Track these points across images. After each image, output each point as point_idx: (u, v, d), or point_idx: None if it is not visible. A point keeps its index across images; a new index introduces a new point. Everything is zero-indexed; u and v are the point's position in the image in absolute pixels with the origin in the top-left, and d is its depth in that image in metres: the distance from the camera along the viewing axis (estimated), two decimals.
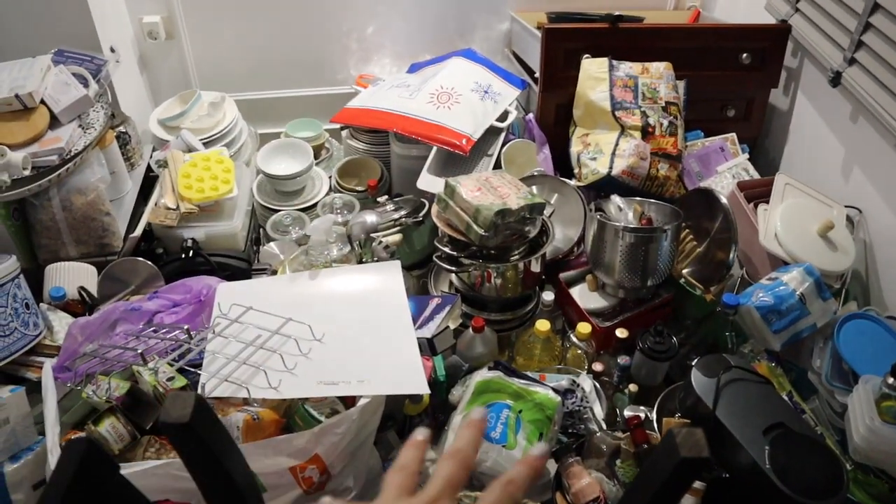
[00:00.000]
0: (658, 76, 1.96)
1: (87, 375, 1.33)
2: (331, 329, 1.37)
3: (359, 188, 2.12)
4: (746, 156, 2.05)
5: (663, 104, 1.94)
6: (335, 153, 2.38)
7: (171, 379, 1.24)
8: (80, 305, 1.67)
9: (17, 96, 1.71)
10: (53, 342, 1.53)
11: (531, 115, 2.12)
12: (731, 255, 1.70)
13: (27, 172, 1.66)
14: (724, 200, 1.73)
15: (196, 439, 0.64)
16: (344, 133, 2.28)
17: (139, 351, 1.29)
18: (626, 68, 1.97)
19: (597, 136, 1.95)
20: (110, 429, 1.22)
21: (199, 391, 1.22)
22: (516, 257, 1.66)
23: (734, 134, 2.09)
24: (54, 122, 1.77)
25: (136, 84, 2.32)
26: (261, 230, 2.09)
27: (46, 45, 1.89)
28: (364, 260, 1.71)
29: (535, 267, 1.69)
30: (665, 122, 1.92)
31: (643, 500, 0.68)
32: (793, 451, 1.25)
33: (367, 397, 1.23)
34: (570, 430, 1.49)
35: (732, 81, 2.09)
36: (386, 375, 1.29)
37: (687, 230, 1.84)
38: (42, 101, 1.76)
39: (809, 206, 1.78)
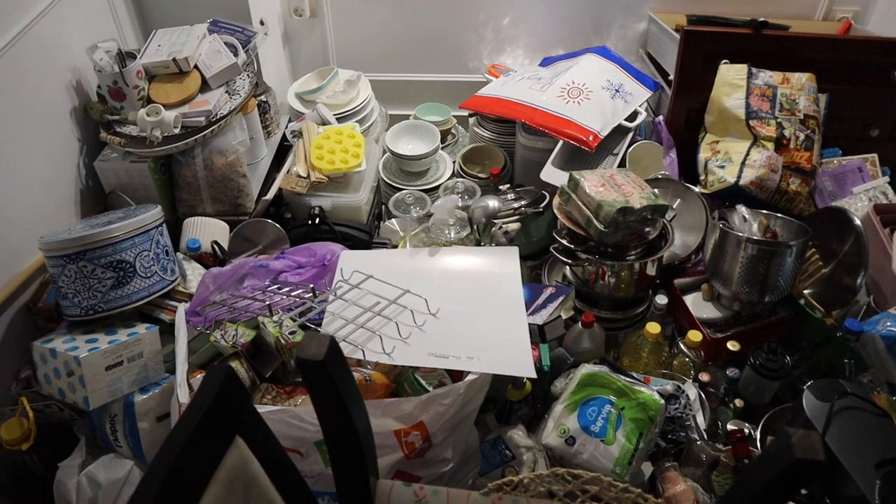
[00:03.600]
0: (799, 87, 1.89)
1: (216, 322, 1.43)
2: (445, 305, 1.41)
3: (481, 175, 2.15)
4: (887, 179, 1.95)
5: (801, 117, 1.87)
6: (460, 139, 2.42)
7: (292, 333, 1.31)
8: (212, 258, 1.78)
9: (174, 60, 1.84)
10: (186, 289, 1.64)
11: (661, 118, 2.09)
12: (859, 281, 1.62)
13: (177, 131, 1.79)
14: (857, 222, 1.66)
15: (327, 378, 0.69)
16: (471, 120, 2.32)
17: (267, 303, 1.36)
18: (766, 77, 1.91)
19: (727, 144, 1.91)
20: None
21: None
22: (633, 257, 1.65)
23: (875, 155, 1.99)
24: (204, 86, 1.89)
25: (278, 57, 2.43)
26: (382, 206, 2.15)
27: (203, 15, 2.01)
28: (482, 243, 1.74)
29: (651, 269, 1.68)
30: (801, 136, 1.85)
31: (748, 497, 0.67)
32: None
33: (474, 374, 1.26)
34: (669, 436, 1.48)
35: (880, 99, 1.99)
36: (495, 355, 1.32)
37: (813, 249, 1.77)
38: (195, 67, 1.89)
39: None
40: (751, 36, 1.95)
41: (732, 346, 1.61)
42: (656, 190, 1.84)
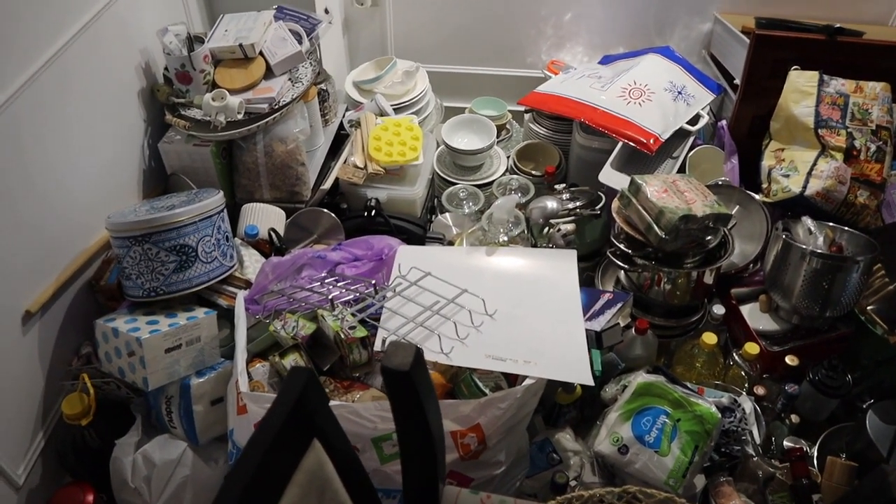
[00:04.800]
0: (873, 97, 1.84)
1: (275, 311, 1.44)
2: (502, 306, 1.41)
3: (535, 172, 2.13)
4: None
5: (874, 127, 1.82)
6: (515, 135, 2.41)
7: (353, 328, 1.32)
8: (268, 245, 1.80)
9: (240, 46, 1.85)
10: (243, 276, 1.66)
11: (723, 122, 2.05)
12: None
13: (240, 116, 1.80)
14: None
15: (410, 387, 0.69)
16: (527, 116, 2.30)
17: (329, 297, 1.37)
18: (838, 85, 1.86)
19: (793, 153, 1.86)
20: (294, 364, 1.31)
21: (379, 345, 1.28)
22: (690, 265, 1.63)
23: None
24: (268, 72, 1.90)
25: (338, 45, 2.44)
26: (435, 200, 2.15)
27: (269, 1, 2.02)
28: (539, 244, 1.72)
29: (708, 278, 1.65)
30: (873, 147, 1.80)
31: None
32: None
33: (531, 378, 1.26)
34: (723, 450, 1.46)
35: None
36: (552, 360, 1.31)
37: (879, 265, 1.73)
38: (260, 53, 1.90)
39: None
40: (824, 42, 1.90)
41: (791, 360, 1.58)
42: (718, 197, 1.81)
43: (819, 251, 1.60)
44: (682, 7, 2.33)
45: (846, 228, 1.71)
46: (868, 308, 1.69)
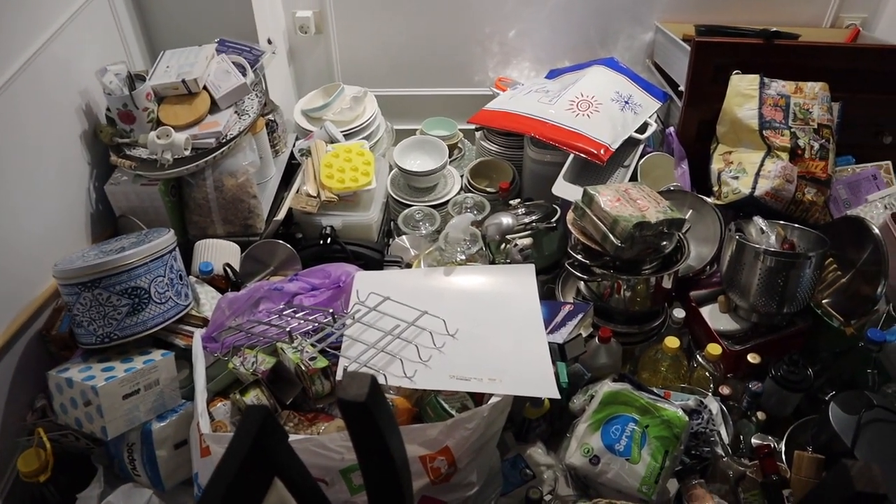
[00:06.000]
0: (812, 96, 1.88)
1: (234, 348, 1.41)
2: (464, 325, 1.40)
3: (489, 189, 2.14)
4: None
5: (815, 126, 1.86)
6: (468, 153, 2.41)
7: (313, 359, 1.30)
8: (224, 281, 1.77)
9: (183, 81, 1.83)
10: (199, 313, 1.62)
11: (671, 129, 2.08)
12: (880, 290, 1.61)
13: (187, 153, 1.77)
14: (876, 231, 1.65)
15: (368, 417, 0.67)
16: (478, 134, 2.31)
17: (287, 329, 1.35)
18: (779, 87, 1.90)
19: (740, 155, 1.90)
20: (255, 400, 1.29)
21: (341, 374, 1.27)
22: (648, 271, 1.64)
23: (889, 162, 1.98)
24: (214, 107, 1.88)
25: (284, 75, 2.43)
26: (392, 223, 2.14)
27: (210, 35, 2.00)
28: (496, 261, 1.72)
29: (667, 283, 1.67)
30: (816, 145, 1.85)
31: None
32: None
33: (497, 396, 1.25)
34: (693, 452, 1.46)
35: (892, 106, 1.98)
36: (516, 376, 1.30)
37: (830, 259, 1.76)
38: (205, 87, 1.88)
39: None
40: (762, 46, 1.94)
41: (753, 358, 1.60)
42: (670, 202, 1.83)
43: (772, 249, 1.62)
44: (624, 18, 2.37)
45: (797, 226, 1.74)
46: (823, 302, 1.72)
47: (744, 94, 1.90)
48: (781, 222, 1.73)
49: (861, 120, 1.99)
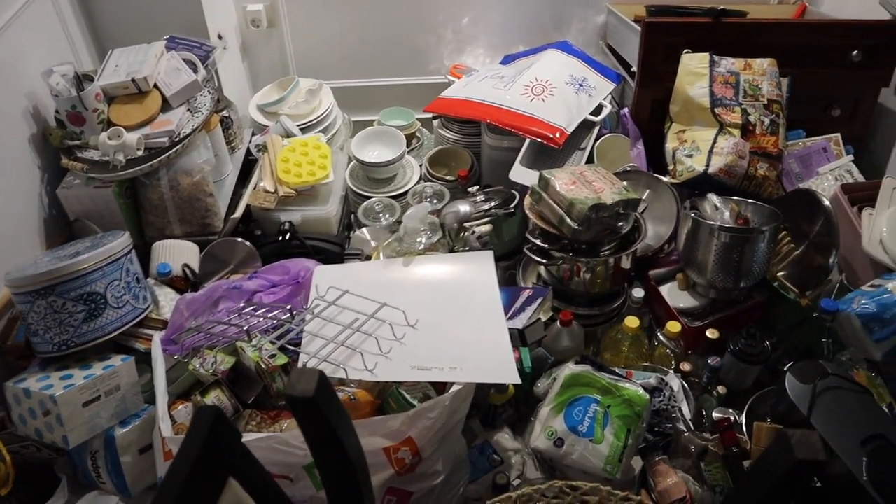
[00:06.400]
0: (761, 73, 1.91)
1: (194, 349, 1.40)
2: (424, 315, 1.41)
3: (448, 177, 2.14)
4: (851, 157, 1.98)
5: (765, 102, 1.88)
6: (426, 142, 2.41)
7: (273, 356, 1.29)
8: (184, 282, 1.75)
9: (133, 80, 1.80)
10: (159, 316, 1.61)
11: (626, 110, 2.10)
12: (832, 260, 1.65)
13: (140, 153, 1.75)
14: (826, 203, 1.68)
15: (317, 413, 0.68)
16: (435, 122, 2.31)
17: (245, 328, 1.34)
18: (728, 64, 1.92)
19: (694, 133, 1.92)
20: (216, 400, 1.28)
21: None
22: (607, 252, 1.65)
23: (838, 134, 2.02)
24: (165, 105, 1.85)
25: (238, 70, 2.40)
26: (352, 216, 2.13)
27: (159, 32, 1.97)
28: (455, 249, 1.73)
29: (626, 263, 1.68)
30: (766, 121, 1.87)
31: (753, 501, 0.67)
32: (892, 464, 1.21)
33: (458, 384, 1.25)
34: (656, 429, 1.48)
35: (840, 80, 2.02)
36: (477, 363, 1.31)
37: (784, 232, 1.79)
38: (155, 86, 1.85)
39: None
40: (711, 24, 1.96)
41: (711, 334, 1.62)
42: (626, 183, 1.85)
43: (726, 225, 1.65)
44: (576, 1, 2.39)
45: (750, 201, 1.76)
46: (779, 275, 1.75)
47: (694, 72, 1.92)
48: (735, 198, 1.76)
49: (810, 94, 2.02)
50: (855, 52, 1.97)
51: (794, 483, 0.65)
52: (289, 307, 1.41)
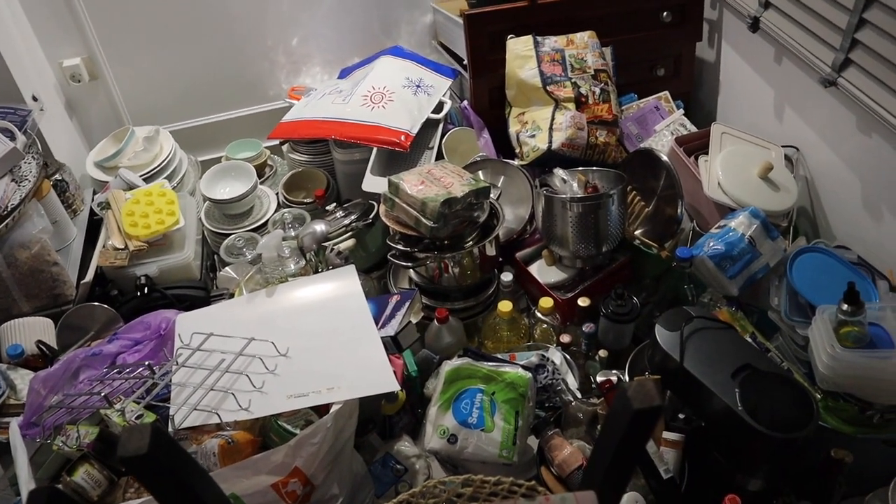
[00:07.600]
0: (583, 46, 1.98)
1: (56, 427, 1.31)
2: (295, 342, 1.37)
3: (307, 200, 2.11)
4: (682, 111, 2.09)
5: (592, 72, 1.96)
6: (279, 169, 2.36)
7: (139, 417, 1.23)
8: (41, 360, 1.64)
9: None
10: (18, 400, 1.50)
11: (466, 103, 2.13)
12: (679, 210, 1.72)
13: None
14: (664, 158, 1.76)
15: (157, 469, 0.64)
16: (285, 147, 2.27)
17: (103, 394, 1.27)
18: (551, 42, 1.98)
19: (532, 114, 1.97)
20: (86, 476, 1.21)
21: (171, 424, 1.21)
22: (470, 243, 1.67)
23: (667, 92, 2.12)
24: None
25: (67, 129, 2.28)
26: (215, 256, 2.07)
27: None
28: (319, 269, 1.70)
29: (491, 250, 1.70)
30: (597, 90, 1.94)
31: (607, 457, 0.69)
32: (762, 389, 1.28)
33: (339, 403, 1.23)
34: (546, 405, 1.51)
35: (657, 41, 2.12)
36: (355, 379, 1.29)
37: (633, 192, 1.86)
38: None
39: (748, 151, 1.81)
40: (527, 8, 2.02)
41: (583, 301, 1.66)
42: (479, 173, 1.88)
43: (577, 196, 1.70)
44: (401, 5, 2.40)
45: (595, 168, 1.82)
46: (636, 233, 1.82)
47: (521, 55, 1.97)
48: (580, 168, 1.81)
49: (634, 59, 2.12)
50: (665, 12, 2.07)
51: (637, 432, 0.67)
52: (147, 363, 1.35)
